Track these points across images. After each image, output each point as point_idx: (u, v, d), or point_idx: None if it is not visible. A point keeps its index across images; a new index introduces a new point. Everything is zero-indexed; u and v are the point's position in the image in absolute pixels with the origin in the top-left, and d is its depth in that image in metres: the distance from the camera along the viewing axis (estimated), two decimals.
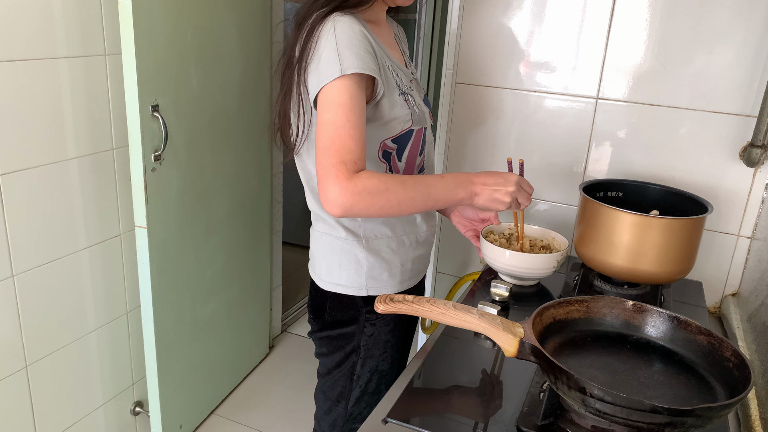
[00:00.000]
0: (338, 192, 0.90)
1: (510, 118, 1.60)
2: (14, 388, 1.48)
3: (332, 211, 0.92)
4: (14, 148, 1.37)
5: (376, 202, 0.93)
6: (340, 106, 0.92)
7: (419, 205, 0.99)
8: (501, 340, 0.87)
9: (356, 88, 0.94)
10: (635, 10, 1.42)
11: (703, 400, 0.83)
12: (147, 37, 1.45)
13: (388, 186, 0.94)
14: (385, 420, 0.89)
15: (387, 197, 0.94)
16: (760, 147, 1.35)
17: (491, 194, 1.04)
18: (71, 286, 1.59)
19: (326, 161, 0.91)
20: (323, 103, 0.94)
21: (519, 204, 1.08)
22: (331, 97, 0.93)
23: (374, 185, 0.93)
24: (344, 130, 0.92)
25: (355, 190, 0.91)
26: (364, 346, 1.14)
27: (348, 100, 0.92)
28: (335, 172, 0.91)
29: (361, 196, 0.91)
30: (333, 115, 0.92)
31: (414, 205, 0.98)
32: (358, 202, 0.91)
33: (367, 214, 0.95)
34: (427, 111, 1.13)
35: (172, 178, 1.64)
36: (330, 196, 0.91)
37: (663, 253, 1.18)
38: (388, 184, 0.94)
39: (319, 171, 0.93)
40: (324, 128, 0.93)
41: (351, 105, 0.93)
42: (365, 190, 0.92)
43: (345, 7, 0.98)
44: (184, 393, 1.89)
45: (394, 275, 1.13)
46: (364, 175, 0.92)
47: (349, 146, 0.92)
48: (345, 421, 1.19)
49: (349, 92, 0.93)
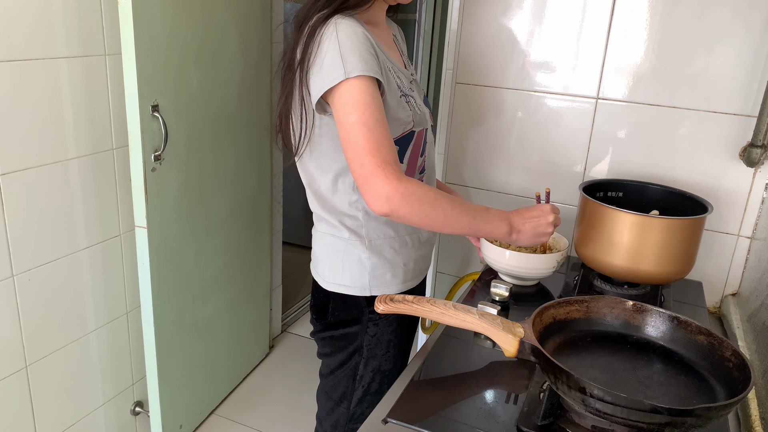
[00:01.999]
0: (390, 190, 0.91)
1: (510, 118, 1.60)
2: (14, 388, 1.48)
3: (381, 208, 0.92)
4: (14, 148, 1.37)
5: (423, 210, 0.95)
6: (365, 105, 0.92)
7: (461, 226, 1.01)
8: (501, 340, 0.87)
9: (374, 88, 0.94)
10: (635, 10, 1.42)
11: (703, 400, 0.83)
12: (147, 37, 1.45)
13: (437, 198, 0.96)
14: (385, 420, 0.89)
15: (434, 208, 0.96)
16: (760, 147, 1.35)
17: (534, 229, 1.08)
18: (71, 286, 1.59)
19: (369, 162, 0.91)
20: (344, 105, 0.93)
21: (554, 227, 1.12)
22: (352, 98, 0.93)
23: (424, 193, 0.94)
24: (377, 130, 0.92)
25: (406, 191, 0.92)
26: (367, 346, 1.14)
27: (370, 99, 0.93)
28: (383, 172, 0.91)
29: (411, 200, 0.93)
30: (361, 116, 0.92)
31: (457, 224, 1.00)
32: (406, 205, 0.92)
33: (410, 219, 0.95)
34: (427, 112, 1.13)
35: (172, 178, 1.64)
36: (380, 193, 0.91)
37: (663, 253, 1.18)
38: (437, 196, 0.96)
39: (361, 172, 0.93)
40: (355, 129, 0.92)
41: (374, 104, 0.93)
42: (415, 194, 0.93)
43: (345, 9, 0.98)
44: (184, 393, 1.89)
45: (397, 275, 1.13)
46: (414, 181, 0.94)
47: (387, 146, 0.93)
48: (347, 421, 1.19)
49: (369, 91, 0.93)
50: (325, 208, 1.10)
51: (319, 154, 1.06)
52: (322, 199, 1.10)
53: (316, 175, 1.09)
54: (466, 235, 1.09)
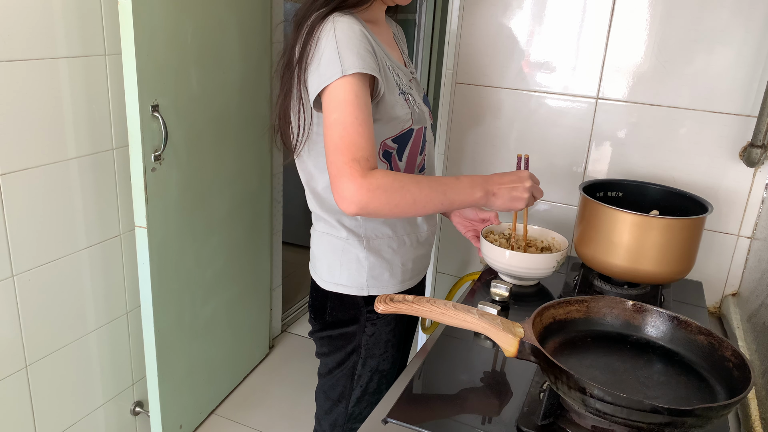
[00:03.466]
0: (353, 189, 0.90)
1: (510, 118, 1.60)
2: (14, 388, 1.48)
3: (348, 209, 0.92)
4: (14, 148, 1.37)
5: (392, 200, 0.93)
6: (346, 104, 0.92)
7: (435, 205, 0.99)
8: (501, 340, 0.87)
9: (361, 87, 0.93)
10: (635, 10, 1.42)
11: (703, 400, 0.83)
12: (147, 37, 1.45)
13: (404, 184, 0.94)
14: (385, 420, 0.89)
15: (402, 195, 0.94)
16: (760, 147, 1.35)
17: (510, 193, 1.04)
18: (71, 286, 1.59)
19: (338, 160, 0.91)
20: (329, 103, 0.94)
21: (533, 199, 1.07)
22: (336, 97, 0.93)
23: (389, 183, 0.92)
24: (353, 128, 0.92)
25: (370, 187, 0.90)
26: (365, 346, 1.14)
27: (354, 98, 0.92)
28: (349, 170, 0.90)
29: (377, 194, 0.91)
30: (340, 114, 0.92)
31: (429, 204, 0.98)
32: (374, 200, 0.91)
33: (382, 213, 0.94)
34: (426, 110, 1.13)
35: (172, 178, 1.64)
36: (345, 193, 0.91)
37: (663, 253, 1.18)
38: (403, 182, 0.94)
39: (331, 171, 0.92)
40: (333, 128, 0.92)
41: (357, 103, 0.92)
42: (380, 187, 0.91)
43: (344, 7, 0.98)
44: (184, 393, 1.89)
45: (395, 275, 1.13)
46: (379, 173, 0.92)
47: (360, 143, 0.91)
48: (346, 420, 1.19)
49: (354, 90, 0.92)
50: (324, 208, 1.10)
51: (317, 153, 1.06)
52: (320, 199, 1.10)
53: (314, 174, 1.09)
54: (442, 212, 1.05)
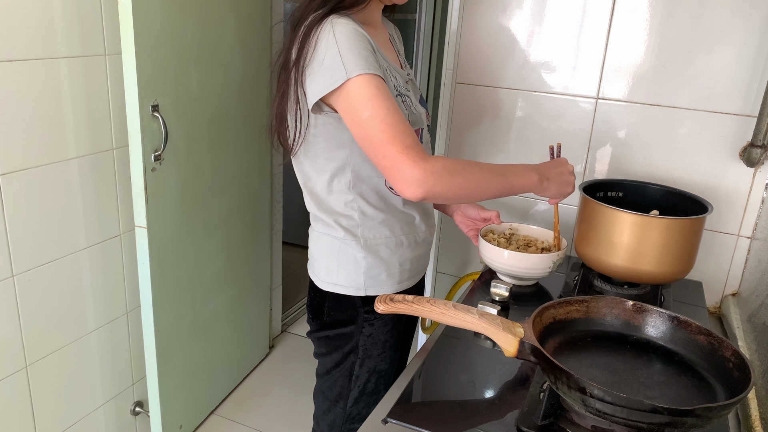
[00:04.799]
0: (418, 173, 0.90)
1: (510, 118, 1.60)
2: (14, 388, 1.48)
3: (414, 194, 0.91)
4: (14, 148, 1.37)
5: (457, 182, 0.94)
6: (373, 99, 0.92)
7: (497, 187, 1.01)
8: (501, 340, 0.87)
9: (378, 81, 0.93)
10: (635, 10, 1.42)
11: (703, 400, 0.83)
12: (147, 37, 1.45)
13: (465, 166, 0.96)
14: (385, 420, 0.89)
15: (466, 177, 0.95)
16: (760, 147, 1.35)
17: (560, 177, 1.10)
18: (71, 286, 1.59)
19: (390, 152, 0.91)
20: (352, 104, 0.93)
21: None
22: (359, 96, 0.92)
23: (452, 165, 0.94)
24: (390, 118, 0.92)
25: (434, 169, 0.91)
26: (363, 347, 1.14)
27: (377, 91, 0.92)
28: (407, 158, 0.90)
29: (442, 176, 0.92)
30: (371, 111, 0.92)
31: (492, 186, 1.00)
32: (439, 182, 0.92)
33: (447, 195, 0.94)
34: (423, 112, 1.13)
35: (172, 178, 1.64)
36: (410, 179, 0.90)
37: (663, 253, 1.18)
38: (465, 165, 0.96)
39: (385, 163, 0.92)
40: (369, 124, 0.92)
41: (382, 95, 0.92)
42: (444, 169, 0.92)
43: (341, 8, 0.98)
44: (184, 393, 1.89)
45: (392, 275, 1.13)
46: (439, 158, 0.94)
47: (404, 131, 0.92)
48: (344, 421, 1.19)
49: (374, 84, 0.93)
50: (321, 208, 1.10)
51: (314, 154, 1.06)
52: (317, 199, 1.10)
53: (311, 175, 1.09)
54: (502, 196, 1.07)
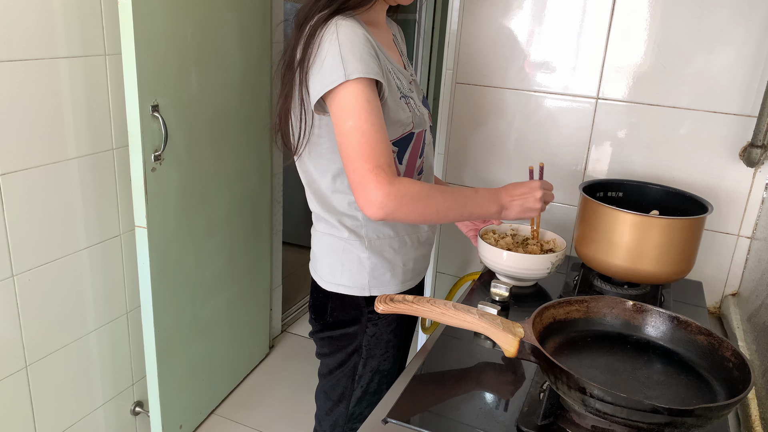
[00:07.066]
0: (382, 196, 0.92)
1: (510, 118, 1.60)
2: (14, 388, 1.48)
3: (374, 215, 0.93)
4: (14, 148, 1.37)
5: (417, 208, 0.96)
6: (360, 111, 0.93)
7: (455, 215, 1.03)
8: (501, 340, 0.87)
9: (370, 92, 0.94)
10: (635, 10, 1.42)
11: (703, 400, 0.83)
12: (147, 37, 1.45)
13: (429, 193, 0.97)
14: (385, 420, 0.89)
15: (427, 204, 0.97)
16: (760, 147, 1.35)
17: (522, 204, 1.10)
18: (71, 286, 1.59)
19: (361, 168, 0.92)
20: (341, 110, 0.94)
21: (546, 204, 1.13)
22: (348, 104, 0.93)
23: (417, 191, 0.95)
24: (371, 135, 0.93)
25: (398, 194, 0.93)
26: (366, 346, 1.14)
27: (366, 103, 0.93)
28: (375, 177, 0.92)
29: (404, 201, 0.93)
30: (356, 122, 0.93)
31: (450, 214, 1.02)
32: (401, 207, 0.93)
33: (405, 219, 0.97)
34: (426, 113, 1.13)
35: (172, 178, 1.64)
36: (373, 200, 0.92)
37: (663, 253, 1.18)
38: (429, 192, 0.97)
39: (354, 178, 0.93)
40: (350, 135, 0.93)
41: (369, 108, 0.93)
42: (408, 195, 0.94)
43: (346, 9, 0.98)
44: (184, 393, 1.89)
45: (396, 275, 1.13)
46: (405, 181, 0.95)
47: (380, 150, 0.93)
48: (346, 421, 1.19)
49: (365, 96, 0.93)
50: (325, 208, 1.10)
51: (318, 154, 1.06)
52: (321, 199, 1.10)
53: (315, 175, 1.09)
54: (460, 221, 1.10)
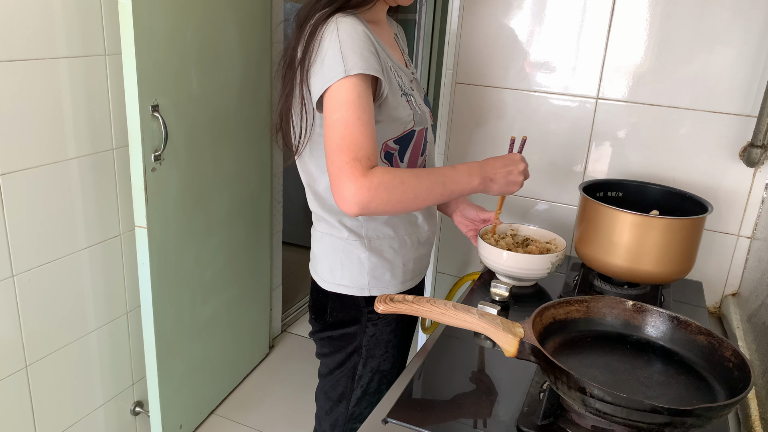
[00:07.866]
0: (354, 189, 0.90)
1: (510, 118, 1.60)
2: (14, 388, 1.48)
3: (349, 210, 0.91)
4: (14, 148, 1.37)
5: (393, 196, 0.93)
6: (349, 104, 0.92)
7: (435, 196, 0.99)
8: (501, 340, 0.87)
9: (363, 87, 0.93)
10: (635, 10, 1.42)
11: (703, 400, 0.83)
12: (147, 37, 1.45)
13: (404, 179, 0.94)
14: (385, 420, 0.89)
15: (403, 190, 0.94)
16: (760, 147, 1.35)
17: (506, 177, 1.07)
18: (71, 286, 1.59)
19: (339, 159, 0.91)
20: (331, 103, 0.93)
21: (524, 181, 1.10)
22: (338, 97, 0.92)
23: (389, 179, 0.92)
24: (355, 127, 0.91)
25: (371, 186, 0.90)
26: (366, 347, 1.14)
27: (356, 98, 0.92)
28: (349, 170, 0.90)
29: (378, 192, 0.91)
30: (343, 114, 0.92)
31: (430, 196, 0.98)
32: (375, 198, 0.91)
33: (384, 210, 0.94)
34: (427, 111, 1.13)
35: (172, 178, 1.64)
36: (346, 194, 0.90)
37: (663, 253, 1.18)
38: (403, 178, 0.94)
39: (332, 171, 0.92)
40: (334, 127, 0.92)
41: (359, 103, 0.92)
42: (381, 185, 0.91)
43: (347, 8, 0.98)
44: (184, 393, 1.89)
45: (396, 275, 1.13)
46: (378, 170, 0.92)
47: (361, 143, 0.91)
48: (346, 421, 1.19)
49: (357, 90, 0.92)
50: (325, 208, 1.10)
51: (318, 154, 1.06)
52: (321, 199, 1.10)
53: (315, 175, 1.09)
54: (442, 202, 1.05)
